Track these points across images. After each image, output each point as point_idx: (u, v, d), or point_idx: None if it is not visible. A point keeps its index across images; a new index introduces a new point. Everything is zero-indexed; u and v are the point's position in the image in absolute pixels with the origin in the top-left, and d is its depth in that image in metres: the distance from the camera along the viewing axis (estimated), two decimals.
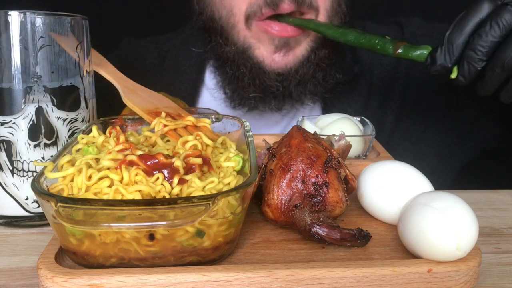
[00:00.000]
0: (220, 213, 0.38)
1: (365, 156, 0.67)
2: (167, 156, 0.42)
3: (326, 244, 0.43)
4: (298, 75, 0.78)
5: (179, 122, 0.50)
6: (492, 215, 0.56)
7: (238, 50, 0.78)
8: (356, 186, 0.48)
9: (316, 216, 0.43)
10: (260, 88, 0.78)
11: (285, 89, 0.78)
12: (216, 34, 0.81)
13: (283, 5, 0.72)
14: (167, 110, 0.54)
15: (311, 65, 0.78)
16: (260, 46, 0.77)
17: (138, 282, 0.37)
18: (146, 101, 0.56)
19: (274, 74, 0.77)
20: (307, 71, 0.78)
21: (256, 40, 0.77)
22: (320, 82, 0.80)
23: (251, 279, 0.37)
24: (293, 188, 0.45)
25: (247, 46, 0.78)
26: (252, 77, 0.78)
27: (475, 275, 0.40)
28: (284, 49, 0.76)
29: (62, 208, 0.35)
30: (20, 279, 0.42)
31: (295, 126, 0.51)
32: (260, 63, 0.77)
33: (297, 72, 0.78)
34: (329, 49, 0.79)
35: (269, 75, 0.77)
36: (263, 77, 0.77)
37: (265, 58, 0.77)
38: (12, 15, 0.46)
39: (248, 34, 0.77)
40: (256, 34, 0.76)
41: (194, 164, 0.43)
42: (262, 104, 0.81)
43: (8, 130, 0.48)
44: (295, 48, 0.77)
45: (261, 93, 0.79)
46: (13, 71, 0.47)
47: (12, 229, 0.51)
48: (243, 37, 0.77)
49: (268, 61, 0.77)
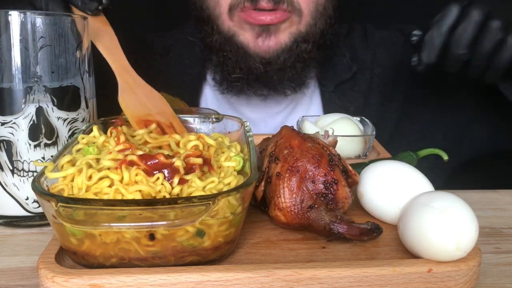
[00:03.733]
0: (221, 213, 0.38)
1: (365, 156, 0.67)
2: (167, 156, 0.42)
3: (346, 240, 0.44)
4: (280, 61, 0.83)
5: (163, 140, 0.49)
6: (492, 215, 0.56)
7: (223, 38, 0.84)
8: (358, 180, 0.49)
9: (333, 214, 0.44)
10: (244, 70, 0.84)
11: (267, 72, 0.83)
12: (204, 23, 0.86)
13: (262, 2, 0.78)
14: (159, 118, 0.54)
15: (292, 54, 0.83)
16: (244, 33, 0.82)
17: (138, 282, 0.37)
18: (140, 103, 0.55)
19: (259, 57, 0.83)
20: (288, 58, 0.83)
21: (239, 28, 0.82)
22: (298, 72, 0.85)
23: (251, 279, 0.37)
24: (303, 189, 0.45)
25: (231, 34, 0.83)
26: (237, 60, 0.83)
27: (475, 275, 0.40)
28: (264, 33, 0.81)
29: (62, 208, 0.35)
30: (20, 279, 0.42)
31: (285, 126, 0.52)
32: (245, 48, 0.83)
33: (279, 57, 0.83)
34: (312, 45, 0.84)
35: (254, 59, 0.82)
36: (248, 60, 0.83)
37: (249, 43, 0.82)
38: (12, 15, 0.46)
39: (231, 24, 0.83)
40: (239, 23, 0.82)
41: (195, 164, 0.43)
42: (247, 86, 0.86)
43: (9, 130, 0.48)
44: (277, 33, 0.82)
45: (246, 75, 0.84)
46: (14, 71, 0.47)
47: (12, 229, 0.51)
48: (227, 26, 0.83)
49: (252, 45, 0.82)
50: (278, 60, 0.82)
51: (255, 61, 0.82)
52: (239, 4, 0.79)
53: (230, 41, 0.83)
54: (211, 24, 0.84)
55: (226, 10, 0.81)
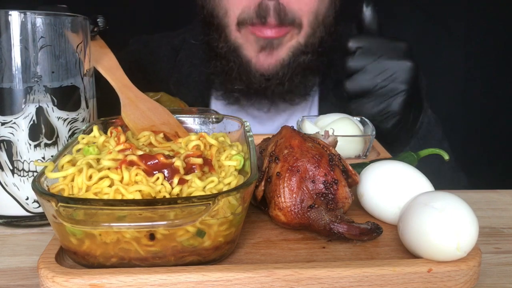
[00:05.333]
0: (221, 213, 0.38)
1: (365, 156, 0.67)
2: (167, 156, 0.42)
3: (346, 240, 0.44)
4: (278, 76, 0.86)
5: (168, 145, 0.49)
6: (492, 215, 0.56)
7: (229, 47, 0.86)
8: (358, 180, 0.49)
9: (334, 214, 0.44)
10: (245, 83, 0.87)
11: (267, 88, 0.86)
12: (213, 29, 0.88)
13: (270, 19, 0.81)
14: (164, 129, 0.54)
15: (290, 68, 0.85)
16: (248, 46, 0.85)
17: (138, 282, 0.37)
18: (144, 116, 0.55)
19: (258, 74, 0.85)
20: (286, 73, 0.85)
21: (245, 40, 0.85)
22: (297, 84, 0.88)
23: (251, 279, 0.37)
24: (304, 189, 0.45)
25: (237, 45, 0.85)
26: (239, 73, 0.86)
27: (475, 275, 0.40)
28: (268, 48, 0.84)
29: (62, 208, 0.35)
30: (20, 279, 0.42)
31: (285, 126, 0.52)
32: (248, 62, 0.85)
33: (278, 73, 0.86)
34: (311, 55, 0.86)
35: (254, 75, 0.85)
36: (249, 75, 0.85)
37: (252, 58, 0.85)
38: (12, 15, 0.46)
39: (238, 35, 0.85)
40: (245, 35, 0.84)
41: (195, 164, 0.43)
42: (244, 99, 0.89)
43: (9, 130, 0.48)
44: (278, 48, 0.84)
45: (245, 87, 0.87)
46: (14, 71, 0.47)
47: (12, 229, 0.51)
48: (234, 37, 0.85)
49: (254, 61, 0.85)
50: (277, 76, 0.85)
51: (256, 77, 0.85)
52: (247, 20, 0.82)
53: (235, 53, 0.85)
54: (220, 32, 0.86)
55: (234, 22, 0.84)
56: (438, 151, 0.59)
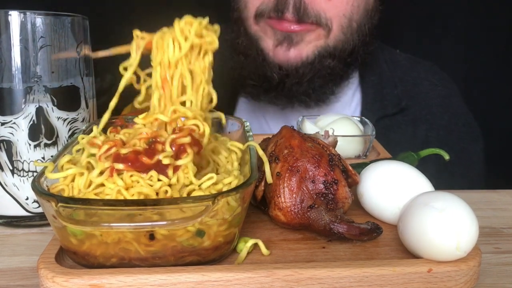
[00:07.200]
0: (220, 213, 0.38)
1: (365, 156, 0.67)
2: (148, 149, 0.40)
3: (346, 240, 0.44)
4: (298, 74, 0.82)
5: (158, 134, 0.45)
6: (492, 215, 0.56)
7: (249, 41, 0.85)
8: (358, 180, 0.49)
9: (333, 214, 0.44)
10: (261, 78, 0.84)
11: (283, 84, 0.83)
12: (235, 24, 0.88)
13: (287, 14, 0.79)
14: None
15: (313, 69, 0.82)
16: (266, 39, 0.84)
17: (138, 282, 0.37)
18: None
19: (276, 66, 0.82)
20: (307, 72, 0.82)
21: (263, 33, 0.84)
22: (316, 88, 0.85)
23: (251, 279, 0.37)
24: (303, 189, 0.45)
25: (256, 38, 0.84)
26: (255, 66, 0.84)
27: (475, 275, 0.40)
28: (286, 42, 0.81)
29: (62, 208, 0.35)
30: (20, 279, 0.42)
31: (285, 126, 0.52)
32: (265, 55, 0.83)
33: (298, 71, 0.82)
34: (338, 61, 0.83)
35: (271, 67, 0.83)
36: (266, 67, 0.83)
37: (269, 51, 0.83)
38: (12, 15, 0.46)
39: (257, 28, 0.84)
40: (263, 28, 0.83)
41: (183, 145, 0.41)
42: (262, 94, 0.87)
43: (9, 130, 0.48)
44: (299, 44, 0.81)
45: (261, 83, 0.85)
46: (14, 71, 0.47)
47: (12, 229, 0.51)
48: (253, 30, 0.85)
49: (271, 53, 0.83)
50: (296, 74, 0.82)
51: (272, 70, 0.83)
52: (264, 12, 0.81)
53: (253, 46, 0.84)
54: (239, 26, 0.86)
55: (253, 14, 0.83)
56: (438, 151, 0.59)
